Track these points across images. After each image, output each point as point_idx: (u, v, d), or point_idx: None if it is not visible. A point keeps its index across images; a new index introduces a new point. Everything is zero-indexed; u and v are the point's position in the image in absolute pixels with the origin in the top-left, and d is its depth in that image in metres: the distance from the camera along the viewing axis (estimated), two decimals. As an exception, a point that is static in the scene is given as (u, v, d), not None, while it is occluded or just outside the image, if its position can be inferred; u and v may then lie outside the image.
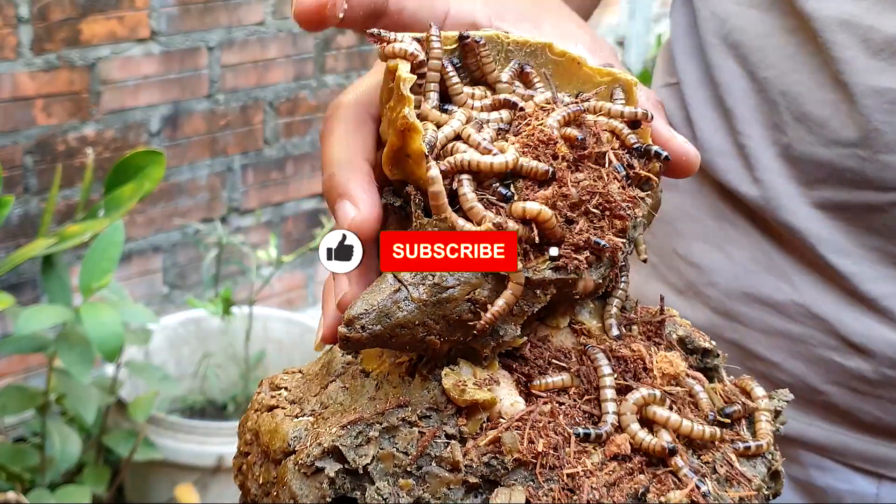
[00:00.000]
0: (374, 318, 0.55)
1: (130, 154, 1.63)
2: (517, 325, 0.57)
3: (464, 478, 0.55)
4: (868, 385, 0.88)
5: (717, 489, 0.56)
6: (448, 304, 0.55)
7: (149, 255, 2.57)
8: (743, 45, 0.89)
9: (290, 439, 0.59)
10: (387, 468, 0.55)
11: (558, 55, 0.62)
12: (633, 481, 0.55)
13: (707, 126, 0.93)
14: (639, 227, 0.60)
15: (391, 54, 0.59)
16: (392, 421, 0.56)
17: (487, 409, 0.56)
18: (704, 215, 0.95)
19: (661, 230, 0.98)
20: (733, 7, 0.90)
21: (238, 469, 0.63)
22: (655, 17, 3.96)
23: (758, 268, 0.92)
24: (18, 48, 2.21)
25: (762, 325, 0.92)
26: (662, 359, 0.60)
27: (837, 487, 0.93)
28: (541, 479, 0.55)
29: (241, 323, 2.49)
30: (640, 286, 1.00)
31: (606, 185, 0.57)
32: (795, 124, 0.86)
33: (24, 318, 1.77)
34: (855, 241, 0.86)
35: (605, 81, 0.62)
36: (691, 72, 0.95)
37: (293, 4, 0.59)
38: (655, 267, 0.99)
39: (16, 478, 1.91)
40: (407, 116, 0.56)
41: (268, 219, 2.79)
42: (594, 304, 0.62)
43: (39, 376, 2.34)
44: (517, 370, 0.59)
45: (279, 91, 2.72)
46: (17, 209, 2.28)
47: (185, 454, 2.19)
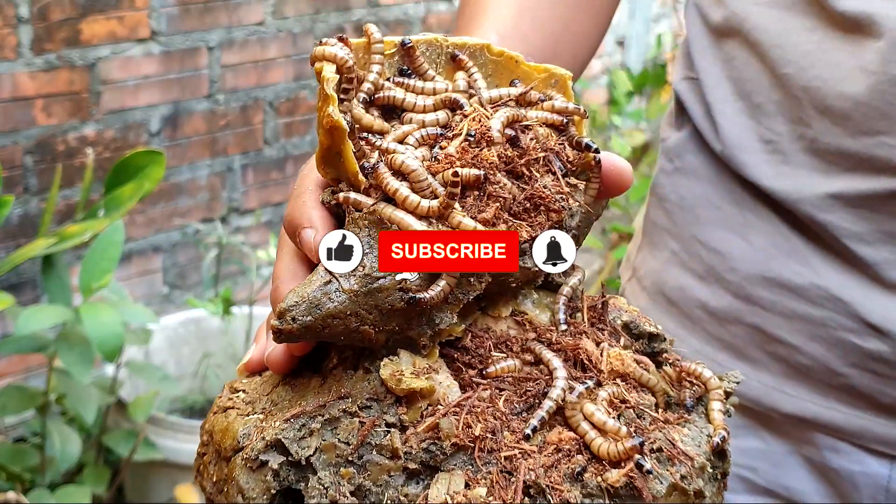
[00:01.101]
0: (305, 309, 0.57)
1: (130, 154, 1.63)
2: (453, 312, 0.58)
3: (404, 464, 0.56)
4: (887, 367, 0.89)
5: (657, 467, 0.57)
6: (380, 293, 0.57)
7: (149, 255, 2.57)
8: (763, 42, 0.90)
9: (240, 436, 0.60)
10: (329, 458, 0.56)
11: (496, 55, 0.65)
12: (571, 462, 0.56)
13: (728, 121, 0.94)
14: (576, 216, 0.61)
15: (319, 57, 0.61)
16: (333, 413, 0.57)
17: (427, 398, 0.57)
18: (725, 202, 0.96)
19: (682, 217, 1.00)
20: (754, 7, 0.91)
21: (197, 470, 0.64)
22: (655, 17, 3.96)
23: (778, 253, 0.93)
24: (18, 48, 2.21)
25: (782, 308, 0.93)
26: (615, 356, 0.61)
27: (850, 469, 0.94)
28: (479, 463, 0.56)
29: (241, 323, 2.49)
30: (660, 273, 1.02)
31: (538, 179, 0.59)
32: (820, 118, 0.88)
33: (24, 318, 1.77)
34: (877, 228, 0.88)
35: (542, 77, 0.65)
36: (709, 68, 0.96)
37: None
38: (676, 254, 1.00)
39: (16, 478, 1.91)
40: (331, 114, 0.58)
41: (268, 219, 2.79)
42: (537, 293, 0.63)
43: (39, 376, 2.34)
44: (458, 360, 0.60)
45: (279, 91, 2.72)
46: (17, 209, 2.28)
47: (185, 454, 2.19)
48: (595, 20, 0.94)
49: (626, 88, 3.66)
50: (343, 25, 2.82)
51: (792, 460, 0.97)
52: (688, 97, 0.99)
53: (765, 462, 0.97)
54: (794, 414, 0.94)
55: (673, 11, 3.94)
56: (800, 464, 0.97)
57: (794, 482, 0.97)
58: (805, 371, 0.93)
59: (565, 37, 0.91)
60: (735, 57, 0.93)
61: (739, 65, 0.93)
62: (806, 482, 0.97)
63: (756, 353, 0.95)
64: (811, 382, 0.93)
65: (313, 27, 2.75)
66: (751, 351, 0.96)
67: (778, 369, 0.94)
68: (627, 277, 1.09)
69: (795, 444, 0.97)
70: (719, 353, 0.97)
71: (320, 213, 0.61)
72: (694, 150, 0.99)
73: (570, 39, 0.92)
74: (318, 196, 0.62)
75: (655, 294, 1.02)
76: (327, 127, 0.59)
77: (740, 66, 0.93)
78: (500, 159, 0.59)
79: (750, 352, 0.96)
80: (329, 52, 0.60)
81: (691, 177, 0.99)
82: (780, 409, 0.95)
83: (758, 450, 0.98)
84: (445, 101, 0.62)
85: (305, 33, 2.73)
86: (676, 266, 1.00)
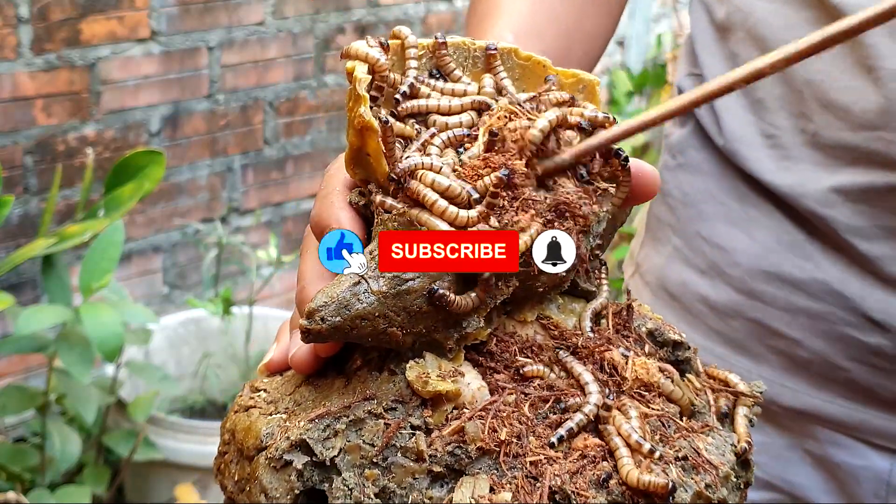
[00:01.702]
0: (334, 309, 0.56)
1: (130, 154, 1.63)
2: (480, 316, 0.58)
3: (428, 467, 0.55)
4: (888, 362, 0.90)
5: (681, 475, 0.57)
6: (408, 295, 0.56)
7: (149, 255, 2.57)
8: (767, 37, 0.91)
9: (263, 436, 0.60)
10: (353, 460, 0.56)
11: (524, 59, 0.65)
12: (597, 468, 0.56)
13: (731, 116, 0.95)
14: (602, 222, 0.61)
15: (353, 55, 0.60)
16: (358, 414, 0.57)
17: (452, 401, 0.57)
18: (728, 198, 0.97)
19: (685, 213, 1.00)
20: (757, 2, 0.91)
21: (217, 469, 0.64)
22: (655, 17, 3.96)
23: (780, 247, 0.93)
24: (18, 48, 2.21)
25: (784, 303, 0.93)
26: (641, 365, 0.61)
27: (852, 463, 0.95)
28: (504, 468, 0.55)
29: (241, 323, 2.49)
30: (662, 268, 1.02)
31: (563, 185, 0.59)
32: (821, 111, 0.88)
33: (24, 318, 1.77)
34: (878, 223, 0.88)
35: (570, 83, 0.65)
36: (714, 64, 0.97)
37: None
38: (679, 249, 1.01)
39: (16, 478, 1.91)
40: (363, 115, 0.58)
41: (268, 219, 2.79)
42: (563, 298, 0.63)
43: (39, 376, 2.34)
44: (483, 363, 0.59)
45: (279, 91, 2.72)
46: (17, 209, 2.28)
47: (185, 454, 2.19)
48: (605, 18, 0.95)
49: (626, 88, 3.67)
50: (343, 25, 2.82)
51: (794, 454, 0.97)
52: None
53: (766, 456, 0.98)
54: (795, 408, 0.94)
55: (673, 11, 3.93)
56: (801, 458, 0.97)
57: (796, 476, 0.98)
58: (806, 365, 0.93)
59: (578, 34, 0.91)
60: (739, 53, 0.94)
61: (743, 61, 0.93)
62: (808, 476, 0.97)
63: (757, 348, 0.96)
64: (812, 376, 0.93)
65: (313, 27, 2.75)
66: (752, 345, 0.96)
67: (779, 363, 0.94)
68: (631, 273, 1.09)
69: (797, 437, 0.97)
70: (720, 347, 0.97)
71: (348, 213, 0.60)
72: (697, 146, 0.99)
73: (582, 37, 0.92)
74: (345, 196, 0.62)
75: (658, 289, 1.03)
76: (358, 127, 0.58)
77: (744, 61, 0.93)
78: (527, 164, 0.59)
79: (751, 346, 0.96)
80: (363, 52, 0.60)
81: (694, 172, 0.99)
82: (781, 403, 0.95)
83: (759, 443, 0.98)
84: (473, 104, 0.62)
85: (305, 33, 2.73)
86: (679, 261, 1.01)
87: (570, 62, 0.87)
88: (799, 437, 0.97)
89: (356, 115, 0.58)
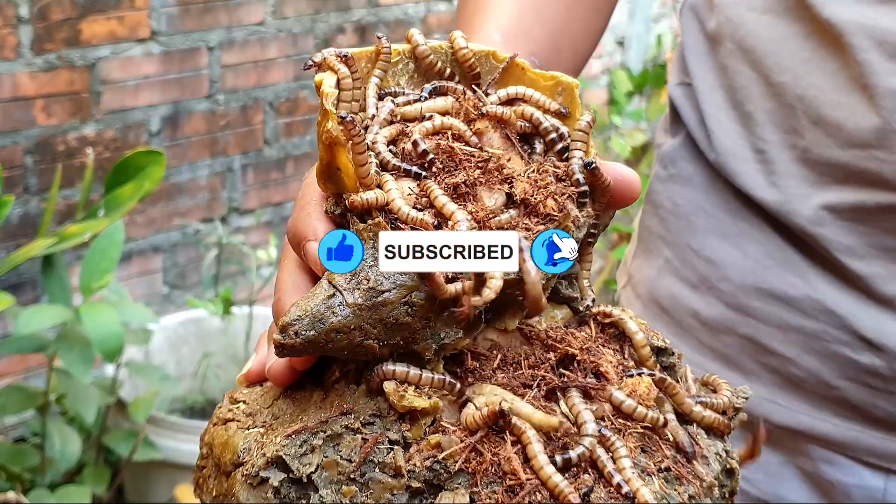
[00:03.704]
0: (308, 323, 0.55)
1: (130, 154, 1.63)
2: (458, 326, 0.57)
3: (407, 483, 0.55)
4: (881, 381, 0.89)
5: (664, 487, 0.56)
6: (384, 307, 0.55)
7: (149, 255, 2.57)
8: (757, 50, 0.90)
9: (240, 451, 0.59)
10: (331, 476, 0.55)
11: (502, 62, 0.64)
12: (578, 482, 0.55)
13: (721, 129, 0.94)
14: (583, 228, 0.61)
15: (319, 64, 0.60)
16: (335, 429, 0.56)
17: (430, 415, 0.56)
18: (718, 211, 0.96)
19: (676, 225, 0.99)
20: (747, 13, 0.90)
21: (196, 483, 0.63)
22: (655, 17, 3.96)
23: (772, 263, 0.92)
24: (18, 48, 2.21)
25: (776, 320, 0.92)
26: (638, 382, 0.60)
27: (846, 482, 0.94)
28: (483, 482, 0.54)
29: (241, 323, 2.49)
30: (653, 280, 1.01)
31: (545, 184, 0.59)
32: (812, 127, 0.87)
33: (24, 318, 1.77)
34: (869, 242, 0.87)
35: (549, 85, 0.64)
36: (704, 75, 0.96)
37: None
38: (669, 261, 1.00)
39: (16, 478, 1.91)
40: (331, 130, 0.57)
41: (268, 219, 2.79)
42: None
43: (39, 376, 2.34)
44: (462, 375, 0.58)
45: (279, 91, 2.72)
46: (17, 209, 2.28)
47: (185, 454, 2.19)
48: (595, 17, 0.94)
49: (626, 88, 3.67)
50: (343, 25, 2.82)
51: (786, 471, 0.96)
52: (682, 103, 0.99)
53: (759, 473, 0.97)
54: (788, 425, 0.93)
55: (673, 11, 3.94)
56: (794, 475, 0.96)
57: (789, 493, 0.96)
58: (798, 383, 0.92)
59: (567, 33, 0.90)
60: (728, 65, 0.92)
61: (732, 73, 0.92)
62: (800, 494, 0.96)
63: (749, 364, 0.94)
64: (804, 394, 0.92)
65: (313, 27, 2.75)
66: (743, 361, 0.95)
67: (771, 380, 0.93)
68: (622, 284, 1.08)
69: (790, 455, 0.96)
70: (711, 362, 0.96)
71: (325, 224, 0.60)
72: (688, 158, 0.98)
73: (571, 36, 0.91)
74: (322, 207, 0.61)
75: (649, 302, 1.01)
76: (326, 142, 0.58)
77: (732, 73, 0.92)
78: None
79: (742, 362, 0.95)
80: (329, 61, 0.60)
81: (685, 184, 0.98)
82: (773, 421, 0.94)
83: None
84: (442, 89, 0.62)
85: (305, 33, 2.73)
86: (670, 274, 0.99)
87: (558, 61, 0.85)
88: (792, 454, 0.96)
89: (324, 131, 0.58)
